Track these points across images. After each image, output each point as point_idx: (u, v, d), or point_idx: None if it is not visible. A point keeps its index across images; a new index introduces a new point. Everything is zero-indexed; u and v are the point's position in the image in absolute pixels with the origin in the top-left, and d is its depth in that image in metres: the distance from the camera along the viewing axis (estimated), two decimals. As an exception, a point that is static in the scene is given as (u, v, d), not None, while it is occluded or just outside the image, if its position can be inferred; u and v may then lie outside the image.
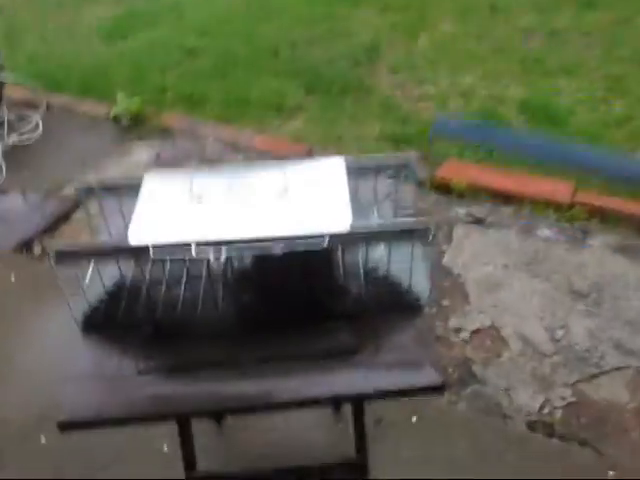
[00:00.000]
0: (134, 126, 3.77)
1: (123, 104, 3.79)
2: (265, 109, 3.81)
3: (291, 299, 1.40)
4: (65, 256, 1.39)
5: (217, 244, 1.29)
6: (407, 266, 1.40)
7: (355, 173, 1.46)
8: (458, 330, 2.44)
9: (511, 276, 2.63)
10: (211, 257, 1.27)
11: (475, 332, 2.43)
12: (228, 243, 1.29)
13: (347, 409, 2.08)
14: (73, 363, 1.47)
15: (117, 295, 1.50)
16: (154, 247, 1.30)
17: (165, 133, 3.66)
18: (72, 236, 3.07)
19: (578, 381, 2.24)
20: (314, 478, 1.76)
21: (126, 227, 1.42)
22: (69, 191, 3.37)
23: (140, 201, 1.44)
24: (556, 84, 3.93)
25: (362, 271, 1.42)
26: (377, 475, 1.81)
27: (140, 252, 1.32)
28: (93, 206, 1.61)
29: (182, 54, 4.56)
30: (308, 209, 1.35)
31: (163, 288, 1.49)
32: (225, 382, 1.37)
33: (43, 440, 2.18)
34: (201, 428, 2.08)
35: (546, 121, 3.59)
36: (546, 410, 2.16)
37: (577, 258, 2.68)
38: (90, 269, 1.48)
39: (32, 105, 4.09)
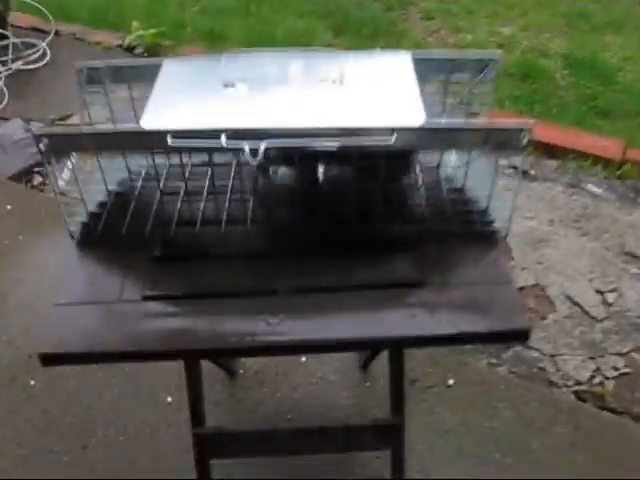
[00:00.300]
0: (149, 57, 3.50)
1: (138, 33, 3.51)
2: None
3: (342, 216, 1.15)
4: (59, 145, 1.14)
5: (254, 134, 1.02)
6: (486, 184, 1.16)
7: (424, 69, 1.20)
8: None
9: (557, 232, 2.39)
10: (246, 149, 1.00)
11: (518, 290, 2.19)
12: (268, 133, 1.02)
13: (375, 367, 1.87)
14: (65, 286, 1.21)
15: (123, 202, 1.25)
16: (173, 134, 1.04)
17: (181, 64, 3.40)
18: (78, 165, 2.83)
19: (632, 350, 2.01)
20: (338, 441, 1.52)
21: (137, 118, 1.16)
22: (75, 120, 3.12)
23: (157, 86, 1.18)
24: (602, 40, 3.68)
25: (434, 186, 1.15)
26: (410, 444, 1.58)
27: (154, 140, 1.06)
28: (96, 96, 1.36)
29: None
30: (370, 100, 1.10)
31: (180, 196, 1.23)
32: (250, 316, 1.09)
33: (32, 382, 1.96)
34: (211, 381, 1.87)
35: (592, 76, 3.33)
36: (596, 380, 1.94)
37: (629, 218, 2.44)
38: (90, 167, 1.24)
39: (40, 32, 3.83)
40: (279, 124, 1.04)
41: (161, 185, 1.25)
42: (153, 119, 1.09)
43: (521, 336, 1.10)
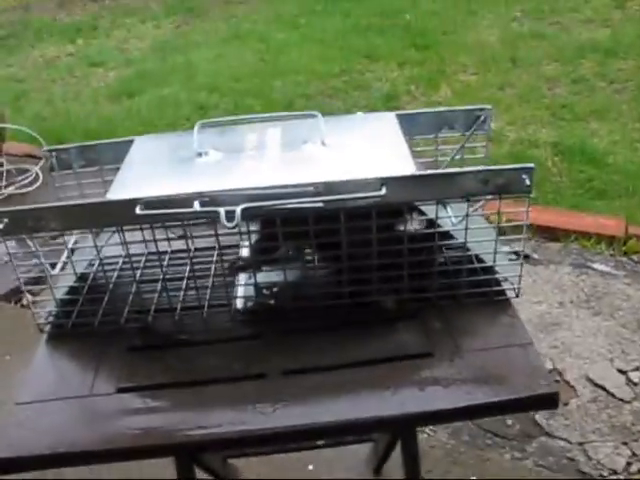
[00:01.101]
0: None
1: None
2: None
3: (335, 282, 1.05)
4: (20, 223, 1.06)
5: (231, 198, 0.93)
6: (489, 237, 1.07)
7: (411, 127, 1.14)
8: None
9: (569, 314, 2.28)
10: (222, 213, 0.90)
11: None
12: (245, 196, 0.93)
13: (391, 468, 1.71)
14: (29, 384, 1.09)
15: (96, 289, 1.15)
16: (142, 202, 0.96)
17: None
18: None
19: (667, 431, 1.86)
20: None
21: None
22: (66, 239, 3.08)
23: (127, 159, 1.12)
24: (588, 127, 3.73)
25: (431, 246, 1.06)
26: None
27: (122, 211, 0.98)
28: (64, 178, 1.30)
29: (192, 109, 4.39)
30: (356, 157, 1.03)
31: (157, 281, 1.14)
32: (238, 404, 0.96)
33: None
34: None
35: (583, 161, 3.35)
36: (635, 467, 1.77)
37: (641, 293, 2.35)
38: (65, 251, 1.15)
39: (33, 158, 3.89)
40: (257, 184, 0.96)
41: (137, 272, 1.16)
42: (121, 190, 1.02)
43: (548, 402, 0.97)
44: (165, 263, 1.17)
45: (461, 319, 1.06)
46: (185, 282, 1.15)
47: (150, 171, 1.09)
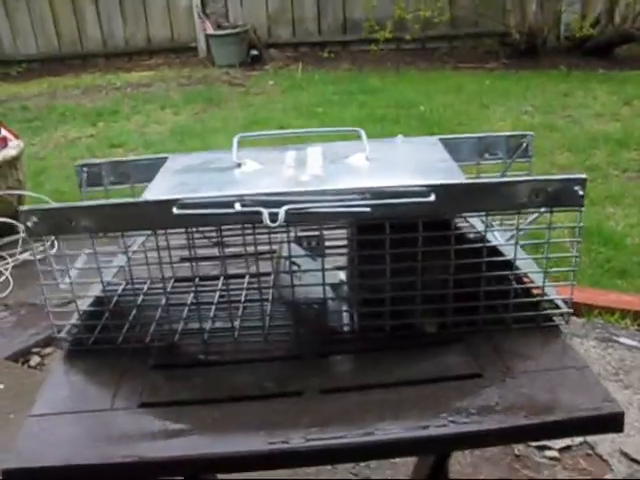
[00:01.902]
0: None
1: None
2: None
3: (377, 307, 1.00)
4: (50, 223, 1.02)
5: (273, 202, 0.89)
6: (540, 256, 1.03)
7: (453, 152, 1.12)
8: (542, 448, 1.98)
9: (598, 387, 2.20)
10: (265, 214, 0.87)
11: (564, 450, 1.96)
12: (289, 199, 0.89)
13: None
14: (45, 397, 1.02)
15: (120, 302, 1.10)
16: (180, 203, 0.92)
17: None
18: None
19: None
20: None
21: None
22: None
23: (162, 169, 1.09)
24: (604, 212, 3.75)
25: (479, 263, 1.01)
26: None
27: (158, 212, 0.94)
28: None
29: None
30: (403, 168, 1.01)
31: (187, 301, 1.09)
32: (273, 420, 0.91)
33: None
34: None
35: (601, 243, 3.35)
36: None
37: (671, 368, 2.27)
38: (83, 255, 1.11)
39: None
40: (301, 189, 0.93)
41: (167, 287, 1.11)
42: (157, 192, 0.99)
43: (612, 424, 0.90)
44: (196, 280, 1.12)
45: (509, 342, 1.02)
46: (216, 298, 1.11)
47: (187, 179, 1.07)
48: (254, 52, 8.80)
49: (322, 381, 0.97)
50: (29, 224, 1.00)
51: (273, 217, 0.88)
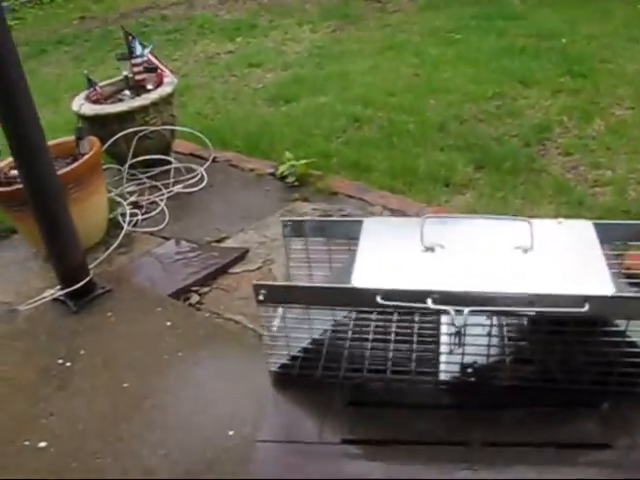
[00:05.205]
0: (300, 187, 3.74)
1: (290, 163, 3.78)
2: (433, 182, 3.68)
3: (532, 372, 1.20)
4: (275, 295, 1.26)
5: (458, 297, 1.11)
6: None
7: (604, 235, 1.26)
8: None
9: None
10: (452, 313, 1.09)
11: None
12: (470, 298, 1.11)
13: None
14: (267, 424, 1.29)
15: (319, 348, 1.35)
16: (383, 293, 1.14)
17: (331, 197, 3.60)
18: (231, 289, 3.02)
19: None
20: None
21: (333, 271, 1.28)
22: (230, 244, 3.36)
23: (361, 246, 1.31)
24: None
25: (619, 350, 1.19)
26: None
27: (364, 298, 1.17)
28: (295, 244, 1.49)
29: (347, 122, 4.56)
30: (560, 268, 1.17)
31: (370, 344, 1.33)
32: (444, 466, 1.14)
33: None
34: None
35: None
36: None
37: None
38: (280, 313, 1.35)
39: (198, 158, 4.20)
40: (479, 289, 1.12)
41: (367, 334, 1.34)
42: (363, 278, 1.20)
43: None
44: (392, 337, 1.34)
45: (638, 416, 1.18)
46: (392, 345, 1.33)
47: (384, 261, 1.27)
48: (392, -38, 8.57)
49: (483, 435, 1.19)
50: (260, 296, 1.23)
51: (459, 310, 1.09)
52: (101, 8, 9.42)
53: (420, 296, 1.12)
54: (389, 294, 1.14)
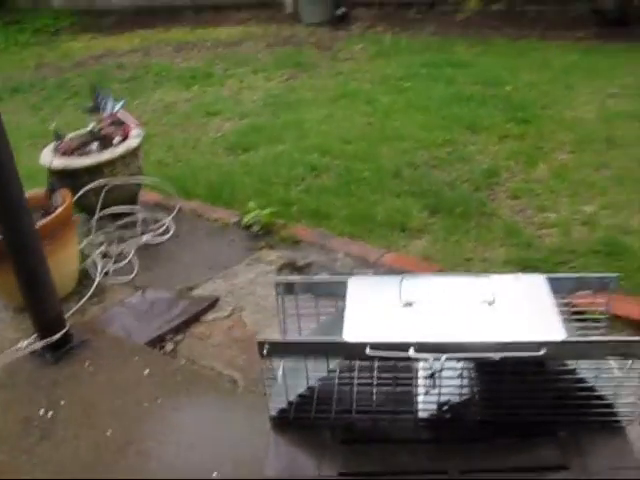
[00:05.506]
0: (264, 235, 3.90)
1: (255, 213, 3.94)
2: (390, 228, 3.88)
3: (497, 408, 1.39)
4: (277, 349, 1.43)
5: (435, 346, 1.30)
6: (614, 384, 1.38)
7: (555, 287, 1.47)
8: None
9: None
10: (431, 360, 1.28)
11: None
12: (445, 347, 1.30)
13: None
14: (270, 462, 1.45)
15: (312, 393, 1.52)
16: (371, 345, 1.33)
17: (295, 245, 3.77)
18: (204, 337, 3.15)
19: None
20: None
21: (320, 324, 1.45)
22: (200, 292, 3.49)
23: (348, 303, 1.49)
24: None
25: (570, 386, 1.39)
26: None
27: (355, 350, 1.35)
28: (287, 303, 1.66)
29: (305, 170, 4.75)
30: (519, 319, 1.37)
31: (357, 388, 1.50)
32: None
33: None
34: None
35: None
36: None
37: None
38: (281, 365, 1.52)
39: (164, 208, 4.33)
40: (452, 339, 1.31)
41: (353, 380, 1.53)
42: (353, 333, 1.38)
43: None
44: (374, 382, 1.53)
45: (590, 442, 1.38)
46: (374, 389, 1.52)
47: (369, 317, 1.46)
48: (340, 11, 8.95)
49: (460, 464, 1.37)
50: (264, 351, 1.39)
51: (437, 358, 1.28)
52: (56, 55, 9.53)
53: (403, 347, 1.30)
54: (376, 346, 1.32)
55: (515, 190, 4.26)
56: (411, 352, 1.30)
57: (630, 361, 1.32)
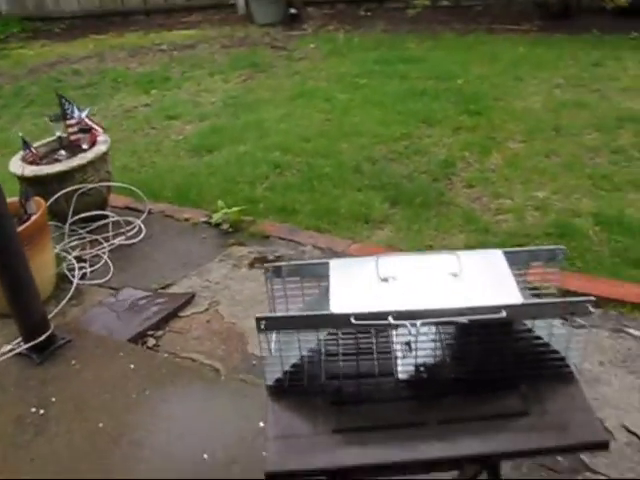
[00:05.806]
0: (234, 232, 4.05)
1: (224, 211, 4.09)
2: (354, 220, 4.07)
3: (467, 367, 1.59)
4: (273, 323, 1.60)
5: (411, 314, 1.49)
6: (564, 339, 1.59)
7: (510, 259, 1.68)
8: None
9: (608, 372, 2.76)
10: (408, 326, 1.47)
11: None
12: (421, 314, 1.49)
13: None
14: (276, 424, 1.61)
15: (303, 364, 1.69)
16: (355, 316, 1.51)
17: (265, 240, 3.94)
18: (184, 331, 3.29)
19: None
20: None
21: (305, 303, 1.63)
22: (176, 289, 3.63)
23: (332, 281, 1.66)
24: (626, 198, 4.12)
25: (528, 343, 1.60)
26: None
27: (342, 321, 1.53)
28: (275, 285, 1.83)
29: (269, 168, 4.91)
30: (482, 288, 1.57)
31: (342, 357, 1.68)
32: (416, 441, 1.54)
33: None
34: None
35: (621, 231, 3.75)
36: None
37: (672, 357, 2.81)
38: (274, 338, 1.68)
39: (134, 210, 4.45)
40: (425, 306, 1.51)
41: (338, 349, 1.71)
42: (339, 305, 1.56)
43: (602, 446, 1.51)
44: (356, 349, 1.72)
45: (546, 390, 1.60)
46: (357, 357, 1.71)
47: (351, 292, 1.64)
48: (292, 10, 9.10)
49: (437, 415, 1.60)
50: (261, 325, 1.56)
51: (413, 324, 1.47)
52: (7, 63, 9.47)
53: (383, 315, 1.49)
54: (360, 316, 1.50)
55: (471, 179, 4.48)
56: (390, 319, 1.48)
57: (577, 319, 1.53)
